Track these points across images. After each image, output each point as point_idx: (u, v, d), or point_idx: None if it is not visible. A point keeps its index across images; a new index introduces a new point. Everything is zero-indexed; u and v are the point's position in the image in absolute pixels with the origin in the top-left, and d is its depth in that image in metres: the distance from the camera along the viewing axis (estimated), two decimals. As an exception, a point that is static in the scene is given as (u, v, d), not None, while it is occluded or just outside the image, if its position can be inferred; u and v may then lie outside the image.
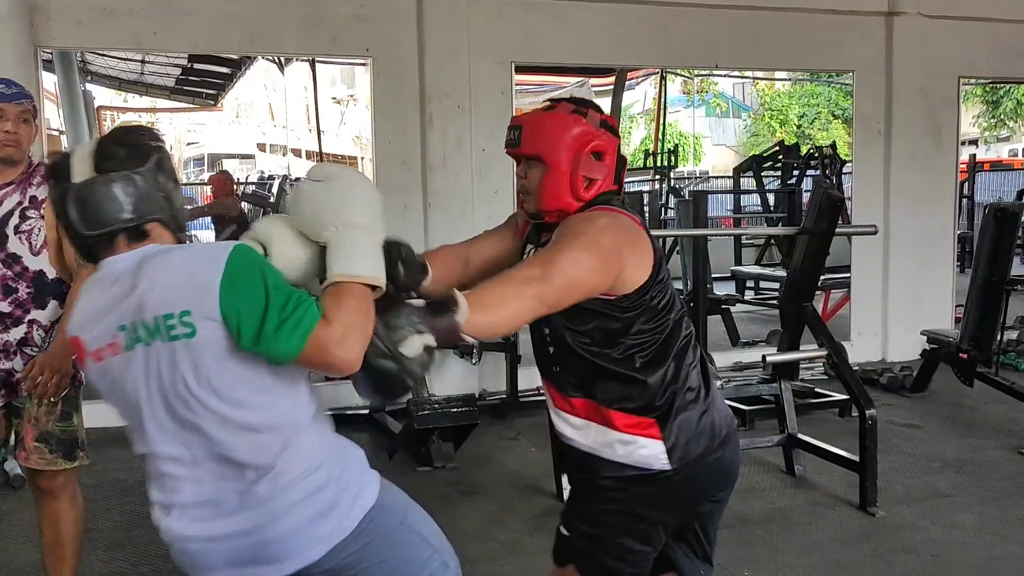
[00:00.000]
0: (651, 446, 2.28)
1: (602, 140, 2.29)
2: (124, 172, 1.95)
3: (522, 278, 2.09)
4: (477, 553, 4.29)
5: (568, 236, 2.17)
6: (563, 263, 2.10)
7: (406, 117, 6.91)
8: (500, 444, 5.99)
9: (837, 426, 6.21)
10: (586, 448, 2.36)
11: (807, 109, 25.75)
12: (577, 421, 2.36)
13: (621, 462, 2.30)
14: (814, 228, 5.02)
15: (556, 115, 2.30)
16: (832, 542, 4.39)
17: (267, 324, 1.80)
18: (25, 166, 3.26)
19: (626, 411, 2.28)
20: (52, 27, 6.09)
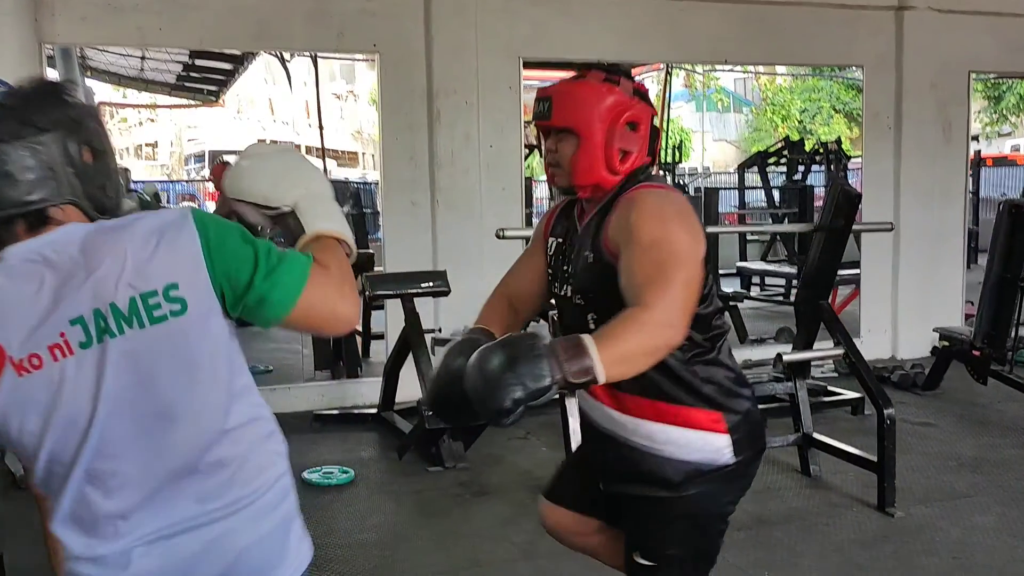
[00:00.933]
0: (717, 440, 2.23)
1: (636, 109, 2.17)
2: (20, 140, 1.56)
3: (653, 326, 1.91)
4: (491, 555, 4.25)
5: (665, 256, 1.98)
6: (681, 298, 1.96)
7: (414, 113, 6.85)
8: (510, 444, 5.92)
9: (850, 424, 6.15)
10: (647, 448, 2.25)
11: (808, 104, 25.67)
12: (635, 421, 2.26)
13: (688, 459, 2.22)
14: (831, 225, 4.96)
15: (588, 84, 2.17)
16: (852, 544, 4.33)
17: (258, 272, 1.58)
18: None
19: (690, 406, 2.22)
20: (57, 23, 6.01)
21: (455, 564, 4.17)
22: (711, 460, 2.22)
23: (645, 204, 2.10)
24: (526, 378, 1.79)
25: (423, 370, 5.75)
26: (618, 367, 1.87)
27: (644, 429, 2.24)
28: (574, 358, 1.82)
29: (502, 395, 1.80)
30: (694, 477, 2.23)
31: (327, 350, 7.66)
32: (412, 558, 4.22)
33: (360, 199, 10.55)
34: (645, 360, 1.92)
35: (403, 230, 6.94)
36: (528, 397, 1.80)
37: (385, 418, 6.22)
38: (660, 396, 2.20)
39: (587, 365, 1.81)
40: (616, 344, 1.87)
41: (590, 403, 2.36)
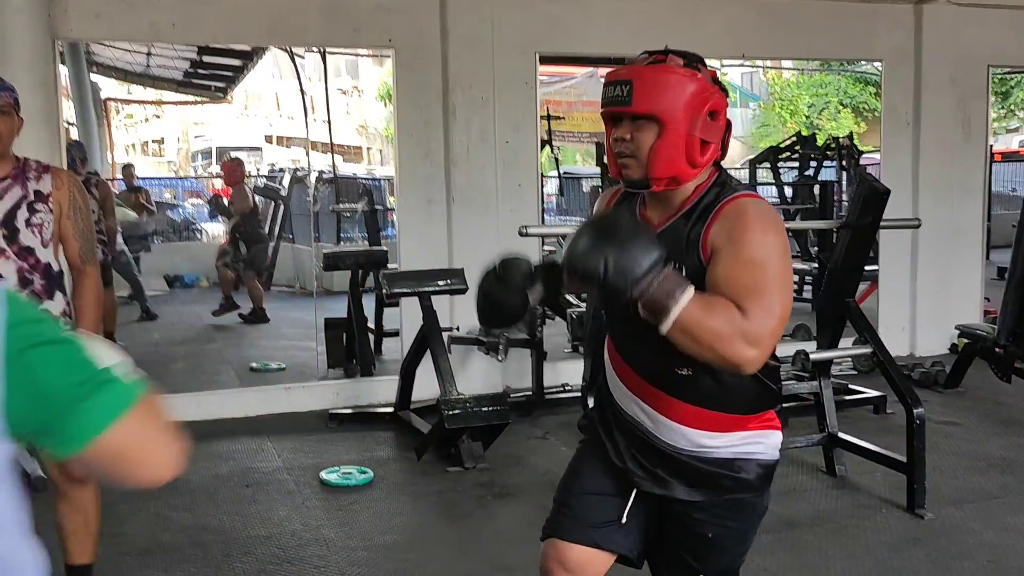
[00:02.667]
0: (776, 436, 2.20)
1: (717, 98, 2.05)
2: None
3: (740, 332, 1.85)
4: (518, 559, 4.16)
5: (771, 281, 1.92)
6: (775, 327, 1.91)
7: (429, 109, 6.77)
8: (529, 443, 5.86)
9: (873, 423, 6.08)
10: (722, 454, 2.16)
11: (816, 99, 25.54)
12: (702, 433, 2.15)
13: (753, 458, 2.17)
14: (858, 222, 4.88)
15: (671, 69, 2.03)
16: (883, 546, 4.26)
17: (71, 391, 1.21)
18: (13, 161, 3.31)
19: (762, 410, 2.17)
20: (70, 19, 5.93)
21: (482, 567, 4.10)
22: (773, 456, 2.21)
23: (755, 218, 1.99)
24: (645, 254, 1.82)
25: (442, 368, 5.69)
26: (684, 331, 1.84)
27: (704, 438, 2.17)
28: (671, 282, 1.82)
29: (641, 259, 1.81)
30: (768, 475, 2.21)
31: (340, 348, 7.60)
32: (437, 561, 4.16)
33: (372, 196, 10.47)
34: (705, 350, 1.87)
35: (418, 227, 6.86)
36: (642, 275, 1.80)
37: (402, 417, 6.15)
38: (723, 407, 2.13)
39: (673, 298, 1.81)
40: (703, 313, 1.83)
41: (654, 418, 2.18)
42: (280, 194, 14.11)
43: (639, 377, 2.17)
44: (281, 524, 4.57)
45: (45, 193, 3.30)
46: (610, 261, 1.80)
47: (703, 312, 1.83)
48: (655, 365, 2.12)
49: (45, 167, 3.40)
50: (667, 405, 2.13)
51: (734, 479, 2.16)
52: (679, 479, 2.20)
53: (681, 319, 1.82)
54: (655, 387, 2.14)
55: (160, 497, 4.91)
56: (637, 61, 2.09)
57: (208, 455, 5.61)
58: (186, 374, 7.86)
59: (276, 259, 13.60)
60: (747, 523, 2.27)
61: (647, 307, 1.84)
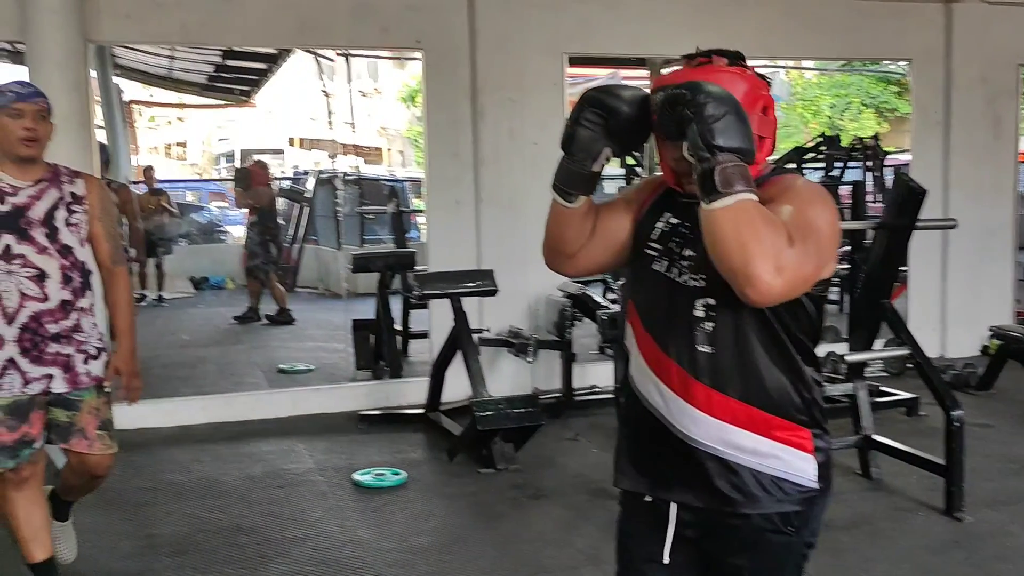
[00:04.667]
0: (808, 460, 2.03)
1: (766, 93, 2.01)
2: None
3: (776, 249, 1.77)
4: (556, 561, 4.16)
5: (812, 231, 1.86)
6: (803, 262, 1.82)
7: (457, 110, 6.76)
8: (560, 445, 5.84)
9: (906, 426, 6.04)
10: (745, 462, 2.00)
11: (837, 99, 25.41)
12: (741, 433, 1.99)
13: (783, 476, 2.00)
14: (894, 223, 4.84)
15: (722, 69, 1.98)
16: (922, 550, 4.23)
17: None
18: (46, 164, 3.45)
19: (791, 419, 2.01)
20: (102, 20, 5.95)
21: (518, 569, 4.09)
22: (809, 481, 2.03)
23: (801, 186, 1.98)
24: (749, 138, 1.80)
25: (473, 370, 5.68)
26: (734, 218, 1.76)
27: (756, 442, 2.01)
28: (748, 173, 1.78)
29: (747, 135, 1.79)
30: (813, 501, 2.04)
31: (368, 350, 7.60)
32: (474, 563, 4.14)
33: (399, 198, 10.54)
34: (735, 248, 1.76)
35: (447, 228, 6.86)
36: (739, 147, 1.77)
37: (432, 419, 6.15)
38: (740, 395, 1.99)
39: (746, 183, 1.76)
40: (761, 215, 1.78)
41: (689, 414, 2.03)
42: (304, 196, 14.15)
43: (661, 352, 2.05)
44: (315, 525, 4.57)
45: (80, 195, 3.46)
46: (726, 113, 1.77)
47: (761, 214, 1.77)
48: (677, 336, 2.02)
49: (75, 172, 3.56)
50: (682, 384, 2.01)
51: (750, 494, 2.00)
52: (691, 480, 2.04)
53: (742, 205, 1.75)
54: (671, 359, 2.03)
55: (194, 498, 4.94)
56: (681, 66, 2.04)
57: (240, 456, 5.62)
58: (216, 375, 7.89)
59: (300, 261, 13.65)
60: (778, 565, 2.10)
61: (719, 174, 1.75)
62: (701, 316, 1.98)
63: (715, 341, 1.98)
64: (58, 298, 3.39)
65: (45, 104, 3.41)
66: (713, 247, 1.80)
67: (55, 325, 3.39)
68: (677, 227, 2.09)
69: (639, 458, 2.16)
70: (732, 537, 2.05)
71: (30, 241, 3.35)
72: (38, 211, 3.38)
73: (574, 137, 1.95)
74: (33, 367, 3.37)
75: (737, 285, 1.79)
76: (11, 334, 3.34)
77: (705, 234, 1.81)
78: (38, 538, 3.53)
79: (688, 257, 2.04)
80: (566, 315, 6.45)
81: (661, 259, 2.08)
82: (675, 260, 2.06)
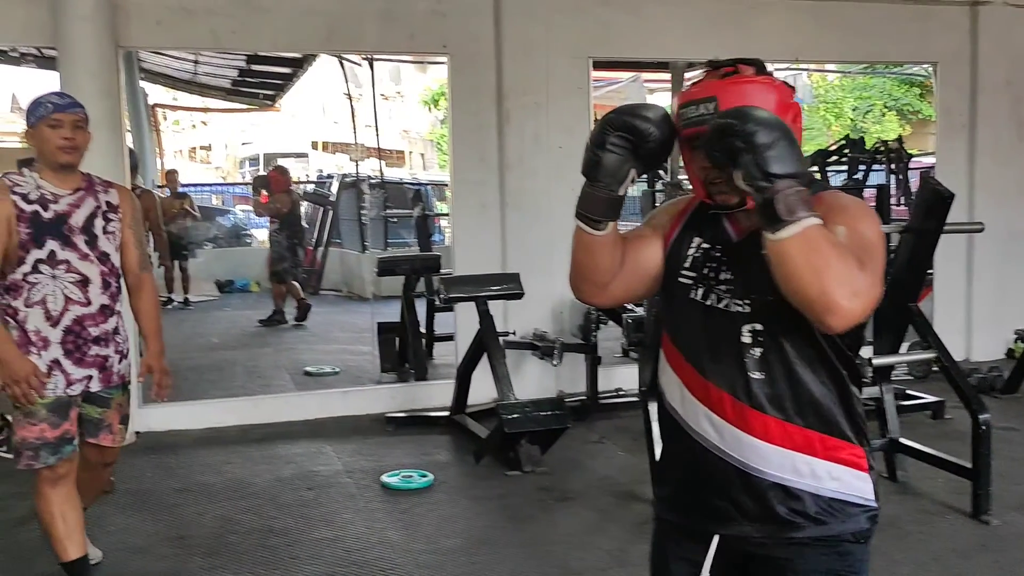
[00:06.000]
0: (865, 479, 1.97)
1: (795, 102, 1.95)
2: None
3: (852, 273, 1.73)
4: (583, 563, 4.19)
5: (871, 250, 1.82)
6: (874, 284, 1.79)
7: (483, 114, 6.81)
8: (586, 448, 5.87)
9: (931, 429, 6.03)
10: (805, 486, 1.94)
11: (860, 102, 25.31)
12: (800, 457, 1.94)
13: (843, 498, 1.94)
14: (921, 226, 4.85)
15: (750, 79, 1.93)
16: (950, 553, 4.23)
17: None
18: (81, 173, 3.60)
19: (844, 438, 1.97)
20: (132, 27, 6.04)
21: (546, 571, 4.12)
22: (865, 500, 1.98)
23: (847, 203, 1.92)
24: (801, 159, 1.73)
25: (499, 373, 5.72)
26: (804, 246, 1.70)
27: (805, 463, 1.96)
28: (807, 197, 1.72)
29: (799, 158, 1.73)
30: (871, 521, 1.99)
31: (393, 352, 7.66)
32: (502, 564, 4.18)
33: (424, 201, 10.63)
34: (811, 276, 1.70)
35: (472, 232, 6.90)
36: (795, 172, 1.70)
37: (457, 421, 6.19)
38: (793, 418, 1.94)
39: (809, 208, 1.71)
40: (828, 238, 1.72)
41: (723, 428, 1.98)
42: (329, 200, 14.22)
43: (708, 383, 1.99)
44: (345, 527, 4.61)
45: (115, 204, 3.63)
46: (778, 139, 1.71)
47: (828, 239, 1.72)
48: (725, 364, 1.96)
49: (108, 182, 3.71)
50: (737, 413, 1.96)
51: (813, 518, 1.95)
52: (748, 510, 1.98)
53: (809, 231, 1.69)
54: (722, 390, 1.96)
55: (225, 499, 5.00)
56: (704, 75, 1.97)
57: (270, 458, 5.69)
58: (244, 378, 7.96)
59: (325, 264, 13.74)
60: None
61: (782, 203, 1.70)
62: (749, 342, 1.94)
63: (766, 366, 1.93)
64: (99, 303, 3.54)
65: (83, 114, 3.54)
66: (786, 278, 1.74)
67: (96, 328, 3.54)
68: (709, 252, 2.04)
69: (687, 490, 2.09)
70: (789, 563, 1.99)
71: (73, 247, 3.48)
72: (78, 219, 3.51)
73: (599, 163, 1.89)
74: (76, 369, 3.50)
75: (815, 313, 1.74)
76: (56, 336, 3.46)
77: (774, 265, 1.74)
78: (72, 536, 3.60)
79: (725, 281, 2.00)
80: (591, 318, 6.48)
81: (696, 287, 2.03)
82: (711, 286, 2.01)
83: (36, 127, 3.47)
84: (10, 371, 3.35)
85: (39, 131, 3.46)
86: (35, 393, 3.39)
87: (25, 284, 3.43)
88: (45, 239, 3.44)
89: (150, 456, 5.72)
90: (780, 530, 1.96)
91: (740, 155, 1.73)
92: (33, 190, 3.46)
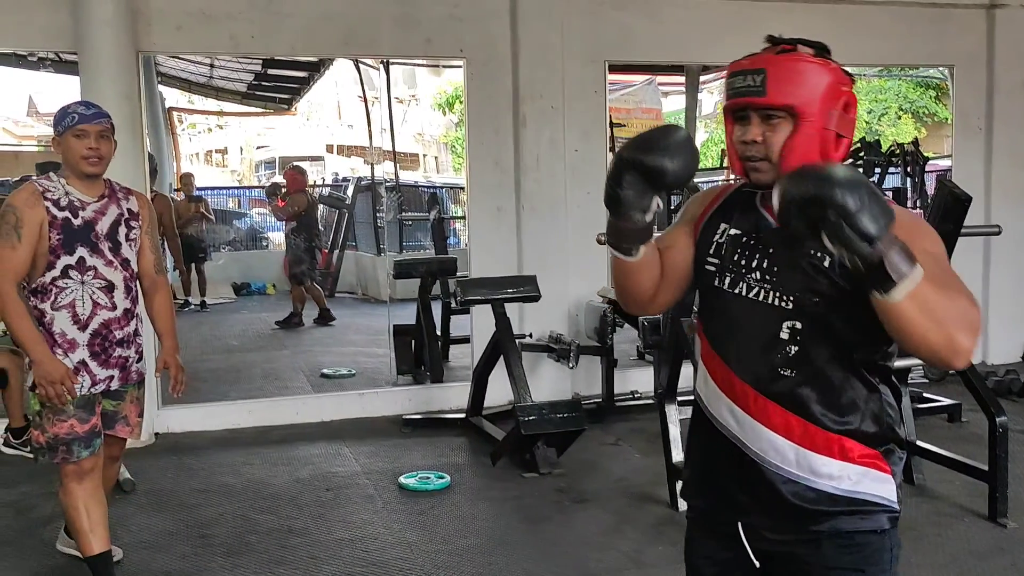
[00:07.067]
0: (886, 481, 1.94)
1: (849, 89, 1.89)
2: None
3: (970, 313, 1.68)
4: (599, 564, 4.21)
5: (951, 274, 1.77)
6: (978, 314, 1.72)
7: (499, 118, 6.85)
8: (602, 450, 5.89)
9: (947, 432, 6.03)
10: (822, 486, 1.92)
11: (875, 105, 25.25)
12: (818, 458, 1.92)
13: (861, 497, 1.92)
14: (938, 229, 4.84)
15: (806, 58, 1.87)
16: (967, 555, 4.24)
17: None
18: (106, 181, 3.70)
19: (867, 443, 1.93)
20: (153, 31, 6.10)
21: (564, 572, 4.14)
22: (889, 502, 1.95)
23: (911, 223, 1.83)
24: (881, 209, 1.59)
25: (516, 375, 5.75)
26: (918, 302, 1.62)
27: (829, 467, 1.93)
28: (905, 245, 1.61)
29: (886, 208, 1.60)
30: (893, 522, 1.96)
31: (410, 355, 7.69)
32: (519, 565, 4.20)
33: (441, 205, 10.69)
34: (933, 329, 1.64)
35: (488, 235, 6.93)
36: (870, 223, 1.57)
37: (474, 423, 6.22)
38: (818, 420, 1.91)
39: (913, 263, 1.60)
40: (934, 286, 1.63)
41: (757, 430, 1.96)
42: (344, 203, 14.28)
43: (732, 374, 1.98)
44: (363, 527, 4.65)
45: (135, 212, 3.75)
46: (865, 195, 1.58)
47: (933, 283, 1.64)
48: (753, 357, 1.94)
49: (128, 189, 3.83)
50: (760, 408, 1.94)
51: (827, 515, 1.93)
52: (764, 503, 1.97)
53: (920, 286, 1.61)
54: (746, 382, 1.95)
55: (245, 500, 5.04)
56: (762, 50, 1.93)
57: (288, 459, 5.72)
58: (261, 380, 8.00)
59: (340, 266, 13.80)
60: None
61: (888, 264, 1.61)
62: (786, 339, 1.90)
63: (797, 364, 1.89)
64: (122, 307, 3.66)
65: (108, 124, 3.64)
66: (907, 336, 1.67)
67: (121, 331, 3.66)
68: (739, 238, 2.00)
69: (708, 478, 2.10)
70: (806, 559, 1.97)
71: (100, 254, 3.59)
72: (103, 226, 3.62)
73: (619, 199, 1.85)
74: (100, 369, 3.61)
75: (941, 360, 1.69)
76: (83, 339, 3.57)
77: (886, 320, 1.67)
78: (96, 531, 3.66)
79: (760, 269, 1.94)
80: (607, 320, 6.50)
81: (722, 274, 2.00)
82: (741, 275, 1.97)
83: (63, 136, 3.56)
84: (45, 372, 3.45)
85: (65, 140, 3.56)
86: (68, 394, 3.48)
87: (53, 288, 3.53)
88: (75, 246, 3.54)
89: (170, 457, 5.77)
90: (794, 524, 1.95)
91: (830, 227, 1.61)
92: (63, 196, 3.55)
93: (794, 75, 1.86)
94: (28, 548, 4.40)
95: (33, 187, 3.56)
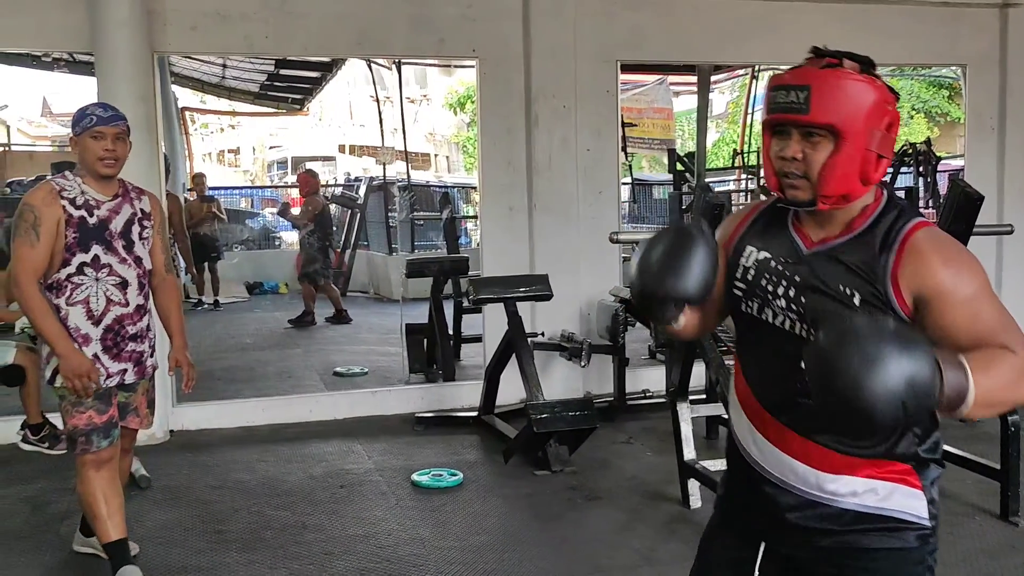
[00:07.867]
0: (916, 496, 1.93)
1: (894, 109, 1.84)
2: None
3: (1016, 366, 1.71)
4: (612, 561, 4.23)
5: (1001, 309, 1.80)
6: None
7: (511, 117, 6.87)
8: (614, 448, 5.91)
9: (959, 431, 5.98)
10: (846, 504, 1.91)
11: (887, 104, 25.17)
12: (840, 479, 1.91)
13: (888, 514, 1.91)
14: (951, 228, 4.85)
15: (851, 75, 1.82)
16: (979, 553, 4.24)
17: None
18: (120, 181, 3.79)
19: (891, 458, 1.92)
20: (168, 32, 6.14)
21: (575, 569, 4.16)
22: (919, 518, 1.94)
23: (947, 253, 1.81)
24: (921, 390, 1.56)
25: (528, 373, 5.78)
26: (984, 405, 1.65)
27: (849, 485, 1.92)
28: (953, 374, 1.60)
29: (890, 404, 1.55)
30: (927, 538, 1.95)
31: (422, 353, 7.72)
32: (531, 562, 4.23)
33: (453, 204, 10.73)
34: (1007, 405, 1.72)
35: (501, 234, 6.96)
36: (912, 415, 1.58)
37: (486, 421, 6.25)
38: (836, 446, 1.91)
39: (965, 387, 1.61)
40: (987, 377, 1.64)
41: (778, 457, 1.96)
42: (357, 203, 14.33)
43: (751, 395, 2.00)
44: (377, 524, 4.68)
45: (148, 211, 3.85)
46: (927, 383, 1.57)
47: (986, 376, 1.65)
48: (775, 384, 1.94)
49: (140, 189, 3.91)
50: (778, 435, 1.94)
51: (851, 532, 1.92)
52: (786, 525, 1.97)
53: (978, 399, 1.63)
54: (766, 409, 1.96)
55: (260, 496, 5.07)
56: (806, 63, 1.88)
57: (302, 456, 5.76)
58: (275, 378, 8.05)
59: (352, 265, 13.85)
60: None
61: (948, 404, 1.63)
62: None
63: (804, 385, 1.83)
64: (135, 303, 3.76)
65: (124, 126, 3.72)
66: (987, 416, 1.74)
67: (133, 327, 3.75)
68: (767, 262, 1.97)
69: (734, 497, 2.12)
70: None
71: (114, 252, 3.68)
72: (117, 224, 3.70)
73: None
74: (113, 363, 3.70)
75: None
76: (96, 333, 3.65)
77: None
78: (114, 518, 3.74)
79: (786, 298, 1.93)
80: (619, 319, 6.52)
81: (749, 300, 1.99)
82: (768, 300, 1.96)
83: (80, 137, 3.64)
84: (71, 365, 3.54)
85: (83, 141, 3.63)
86: (93, 386, 3.58)
87: (68, 284, 3.61)
88: (91, 244, 3.62)
89: (185, 454, 5.81)
90: (815, 541, 1.95)
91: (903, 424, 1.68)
92: (79, 195, 3.63)
93: (839, 93, 1.80)
94: (44, 544, 4.44)
95: (50, 186, 3.64)
